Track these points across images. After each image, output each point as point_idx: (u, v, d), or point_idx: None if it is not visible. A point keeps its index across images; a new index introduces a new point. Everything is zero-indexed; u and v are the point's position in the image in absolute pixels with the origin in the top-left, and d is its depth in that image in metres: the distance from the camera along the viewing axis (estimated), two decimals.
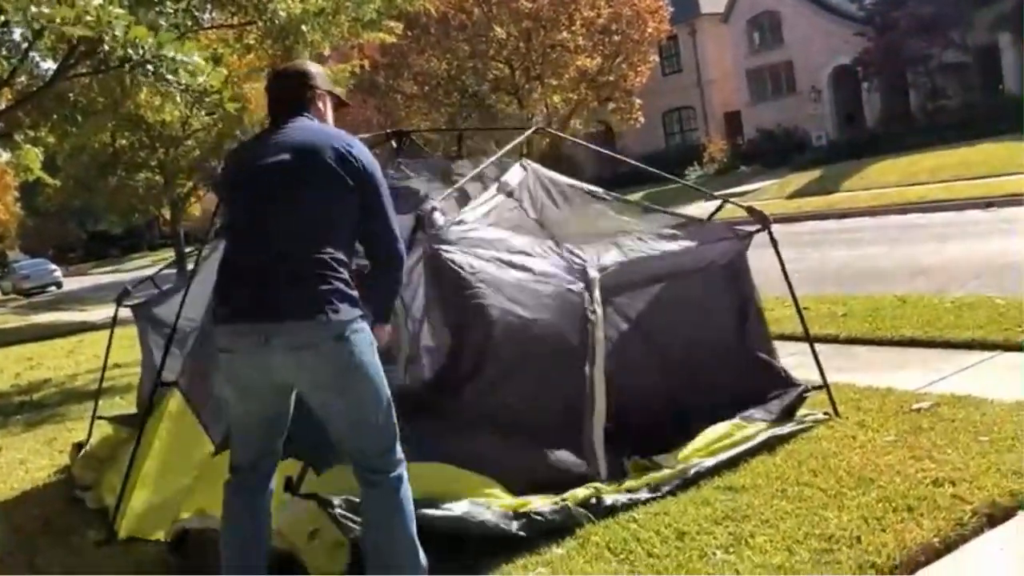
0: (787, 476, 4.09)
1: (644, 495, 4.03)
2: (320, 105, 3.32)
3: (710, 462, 4.27)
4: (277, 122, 3.20)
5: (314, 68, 3.36)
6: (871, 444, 4.39)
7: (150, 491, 4.55)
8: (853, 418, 4.81)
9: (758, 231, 5.03)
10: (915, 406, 4.87)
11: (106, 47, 8.99)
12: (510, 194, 4.67)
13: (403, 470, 3.14)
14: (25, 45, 11.53)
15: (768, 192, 25.28)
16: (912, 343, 6.49)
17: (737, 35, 38.59)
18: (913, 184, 20.44)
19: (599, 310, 4.28)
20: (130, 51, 8.81)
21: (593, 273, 4.31)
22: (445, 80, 28.06)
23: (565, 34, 26.42)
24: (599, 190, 5.04)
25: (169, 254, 33.54)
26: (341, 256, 3.03)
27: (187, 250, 23.23)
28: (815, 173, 26.62)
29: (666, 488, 4.08)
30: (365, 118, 32.78)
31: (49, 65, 13.17)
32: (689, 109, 41.77)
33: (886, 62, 30.17)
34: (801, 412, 4.88)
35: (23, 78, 12.86)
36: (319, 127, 3.22)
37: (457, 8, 26.16)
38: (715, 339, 5.03)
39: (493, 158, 4.87)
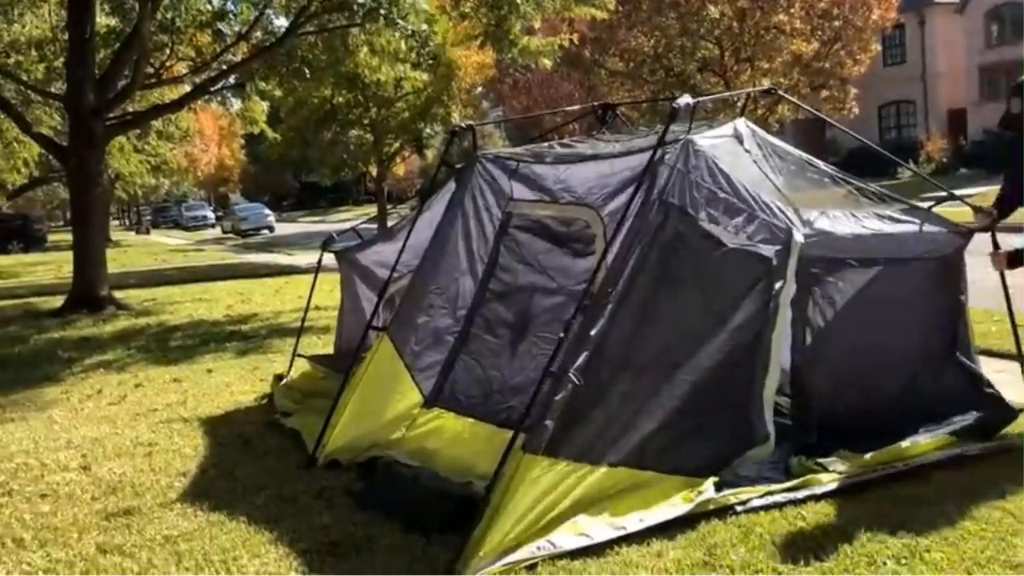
0: (977, 495, 3.87)
1: (803, 494, 3.94)
2: None
3: (879, 473, 4.10)
4: None
5: None
6: None
7: (352, 426, 4.88)
8: None
9: (981, 230, 4.74)
10: None
11: None
12: (739, 140, 4.57)
13: None
14: (263, 2, 12.43)
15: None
16: None
17: (973, 27, 35.78)
18: None
19: (791, 276, 4.13)
20: None
21: (798, 237, 4.13)
22: (651, 58, 27.70)
23: (782, 16, 25.38)
24: (817, 161, 4.81)
25: (371, 209, 35.26)
26: None
27: (388, 207, 24.34)
28: None
29: (822, 490, 3.96)
30: (567, 92, 32.96)
31: (282, 22, 14.11)
32: (909, 104, 39.25)
33: None
34: (1001, 434, 4.58)
35: (259, 33, 13.84)
36: None
37: None
38: (921, 337, 4.74)
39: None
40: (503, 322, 4.86)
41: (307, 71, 13.78)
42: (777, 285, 4.09)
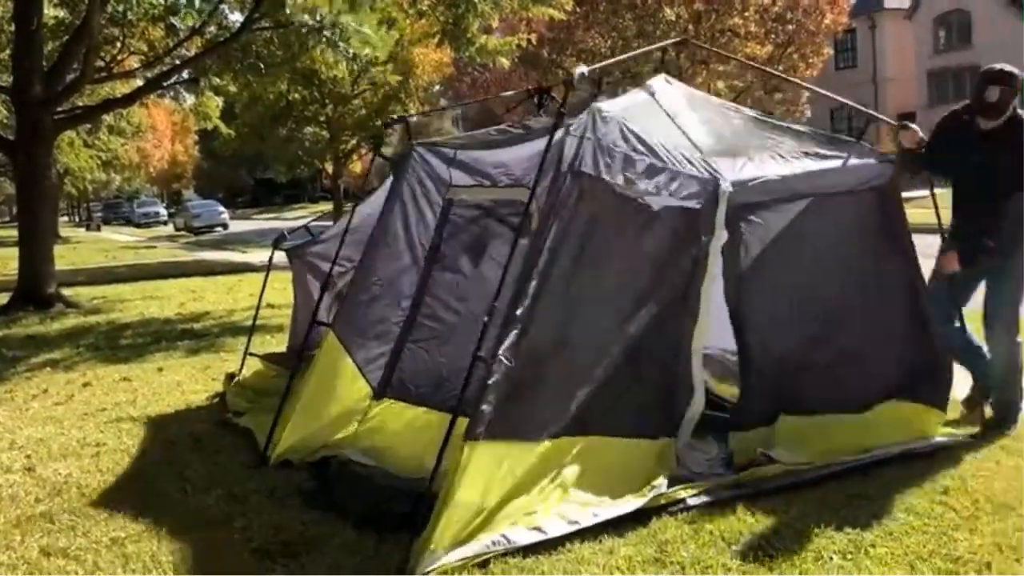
0: (919, 491, 3.96)
1: (748, 491, 4.00)
2: None
3: (828, 471, 4.17)
4: None
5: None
6: (1015, 471, 4.17)
7: (302, 423, 4.84)
8: (1000, 442, 4.58)
9: (908, 150, 4.84)
10: None
11: (287, 10, 9.49)
12: (652, 95, 4.53)
13: None
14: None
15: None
16: None
17: (922, 33, 36.57)
18: None
19: (720, 225, 4.19)
20: (307, 17, 9.26)
21: (725, 186, 4.19)
22: (608, 58, 27.87)
23: (737, 19, 25.72)
24: (742, 108, 4.84)
25: (327, 207, 35.02)
26: None
27: (346, 204, 24.18)
28: None
29: (771, 486, 4.03)
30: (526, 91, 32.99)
31: (237, 17, 13.94)
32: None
33: None
34: (946, 430, 4.68)
35: (213, 28, 13.65)
36: None
37: None
38: (867, 273, 4.71)
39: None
40: (449, 308, 4.87)
41: (262, 67, 13.64)
42: (706, 237, 4.16)
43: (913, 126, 4.95)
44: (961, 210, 4.79)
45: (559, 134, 3.96)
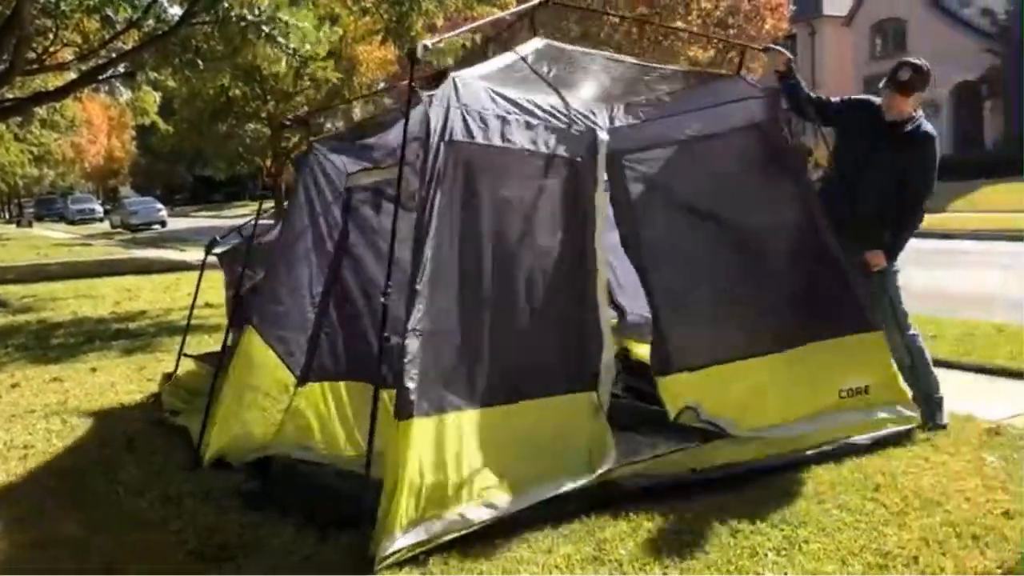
0: (851, 488, 4.05)
1: (695, 476, 4.11)
2: None
3: (774, 463, 4.27)
4: None
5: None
6: (943, 467, 4.29)
7: (232, 420, 4.80)
8: (930, 439, 4.71)
9: (781, 74, 4.95)
10: (996, 436, 4.73)
11: (225, 4, 9.34)
12: (523, 58, 4.53)
13: None
14: None
15: None
16: (1003, 373, 6.25)
17: (859, 40, 37.44)
18: None
19: (602, 175, 4.24)
20: (246, 11, 9.14)
21: (602, 135, 4.23)
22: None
23: (680, 23, 26.03)
24: (619, 55, 4.90)
25: (267, 205, 34.51)
26: None
27: (287, 204, 23.85)
28: None
29: (719, 475, 4.13)
30: None
31: (176, 11, 13.66)
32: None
33: (1013, 81, 28.87)
34: (884, 416, 4.73)
35: (151, 21, 13.35)
36: None
37: None
38: (760, 213, 4.71)
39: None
40: (360, 291, 4.95)
41: (200, 62, 13.37)
42: (590, 187, 4.20)
43: (779, 48, 5.10)
44: (880, 203, 4.85)
45: (423, 107, 3.92)
